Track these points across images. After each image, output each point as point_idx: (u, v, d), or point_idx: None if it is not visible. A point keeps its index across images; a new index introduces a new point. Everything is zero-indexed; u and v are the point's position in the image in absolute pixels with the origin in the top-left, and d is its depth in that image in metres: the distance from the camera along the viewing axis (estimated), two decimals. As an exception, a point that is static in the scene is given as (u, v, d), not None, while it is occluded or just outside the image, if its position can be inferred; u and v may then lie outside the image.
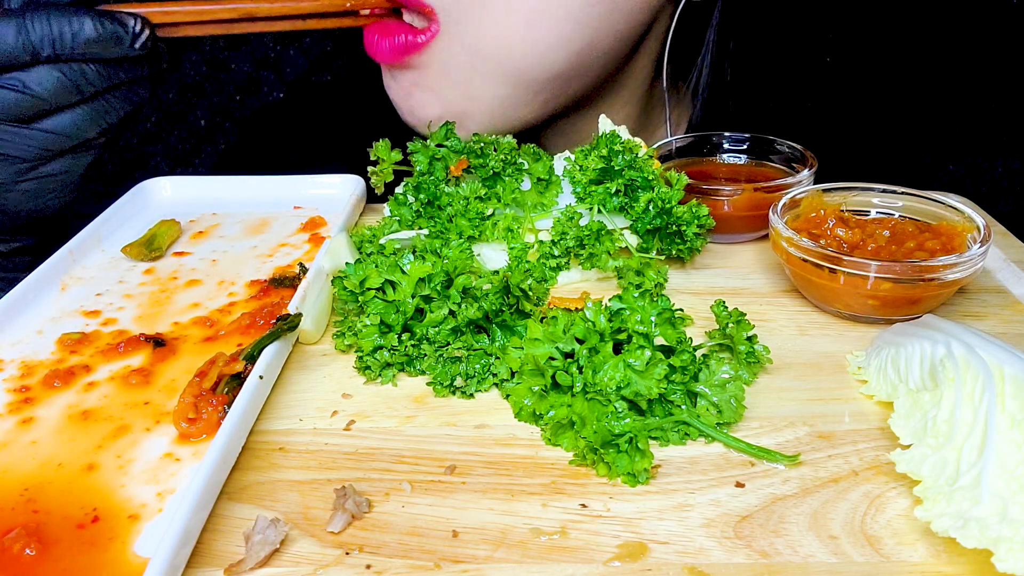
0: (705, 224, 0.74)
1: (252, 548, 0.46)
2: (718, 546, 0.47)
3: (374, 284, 0.64)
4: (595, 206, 0.74)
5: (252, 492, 0.52)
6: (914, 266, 0.64)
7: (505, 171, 0.75)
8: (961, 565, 0.45)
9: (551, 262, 0.74)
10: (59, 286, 0.74)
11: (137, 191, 0.90)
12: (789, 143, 0.86)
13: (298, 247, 0.81)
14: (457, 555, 0.47)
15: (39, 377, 0.62)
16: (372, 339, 0.63)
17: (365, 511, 0.49)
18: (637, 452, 0.52)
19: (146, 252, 0.79)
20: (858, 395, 0.59)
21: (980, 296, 0.72)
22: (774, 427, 0.56)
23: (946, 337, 0.54)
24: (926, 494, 0.46)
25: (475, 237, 0.74)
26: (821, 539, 0.47)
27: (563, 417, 0.55)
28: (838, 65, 1.35)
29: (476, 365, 0.61)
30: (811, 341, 0.66)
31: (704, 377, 0.58)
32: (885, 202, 0.75)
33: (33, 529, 0.47)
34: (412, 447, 0.55)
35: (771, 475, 0.52)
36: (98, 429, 0.56)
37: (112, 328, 0.68)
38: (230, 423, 0.52)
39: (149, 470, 0.52)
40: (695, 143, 0.89)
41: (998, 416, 0.47)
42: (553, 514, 0.49)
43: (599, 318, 0.57)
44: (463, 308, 0.63)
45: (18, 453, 0.54)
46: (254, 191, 0.92)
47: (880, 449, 0.54)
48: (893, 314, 0.66)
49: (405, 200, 0.77)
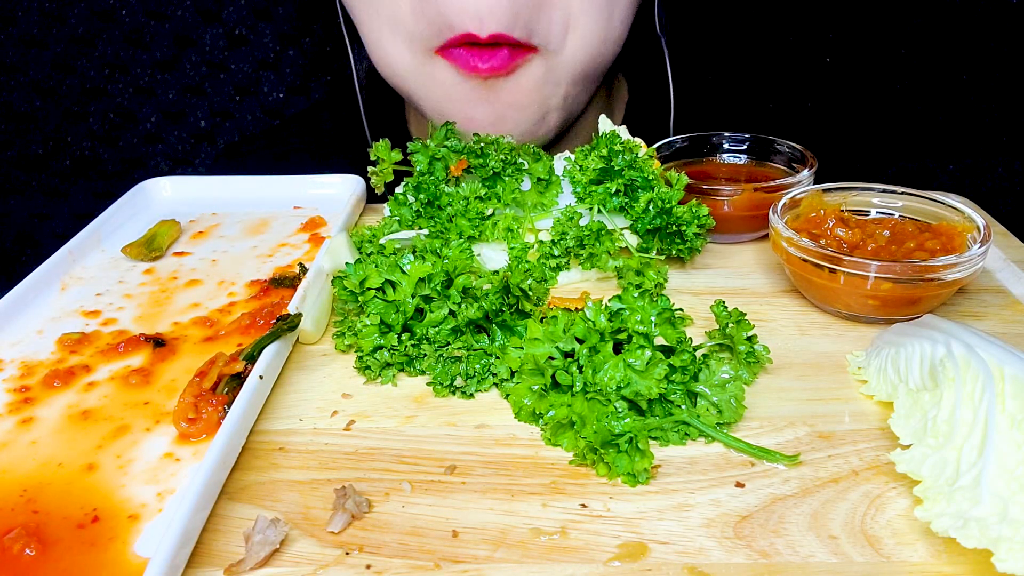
0: (705, 224, 0.74)
1: (252, 548, 0.46)
2: (718, 546, 0.47)
3: (374, 284, 0.64)
4: (595, 206, 0.74)
5: (252, 492, 0.52)
6: (914, 266, 0.64)
7: (505, 171, 0.75)
8: (961, 565, 0.45)
9: (551, 262, 0.74)
10: (59, 286, 0.74)
11: (137, 191, 0.90)
12: (789, 143, 0.86)
13: (298, 247, 0.81)
14: (457, 555, 0.47)
15: (39, 377, 0.62)
16: (372, 339, 0.63)
17: (365, 511, 0.49)
18: (637, 452, 0.52)
19: (146, 252, 0.79)
20: (858, 395, 0.59)
21: (980, 296, 0.72)
22: (774, 427, 0.56)
23: (946, 337, 0.54)
24: (926, 494, 0.46)
25: (475, 237, 0.74)
26: (821, 539, 0.47)
27: (563, 417, 0.55)
28: (838, 65, 1.35)
29: (476, 365, 0.61)
30: (811, 341, 0.66)
31: (704, 377, 0.58)
32: (885, 202, 0.75)
33: (33, 529, 0.47)
34: (412, 447, 0.55)
35: (771, 475, 0.52)
36: (98, 429, 0.56)
37: (112, 328, 0.68)
38: (230, 423, 0.52)
39: (149, 470, 0.52)
40: (695, 143, 0.89)
41: (998, 416, 0.47)
42: (553, 514, 0.49)
43: (599, 318, 0.57)
44: (463, 308, 0.63)
45: (18, 453, 0.54)
46: (254, 191, 0.92)
47: (880, 449, 0.54)
48: (893, 314, 0.66)
49: (405, 200, 0.77)
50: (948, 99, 1.35)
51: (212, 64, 1.41)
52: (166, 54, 1.41)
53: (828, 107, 1.36)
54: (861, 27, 1.33)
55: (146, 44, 1.40)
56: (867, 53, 1.34)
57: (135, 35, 1.39)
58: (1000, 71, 1.32)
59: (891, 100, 1.36)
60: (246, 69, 1.41)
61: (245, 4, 1.38)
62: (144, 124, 1.45)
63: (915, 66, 1.34)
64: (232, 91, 1.43)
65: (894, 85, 1.35)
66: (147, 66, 1.41)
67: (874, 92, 1.36)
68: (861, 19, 1.33)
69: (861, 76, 1.35)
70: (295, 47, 1.40)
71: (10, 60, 1.40)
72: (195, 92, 1.43)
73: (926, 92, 1.35)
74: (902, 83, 1.35)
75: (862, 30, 1.33)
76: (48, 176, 1.50)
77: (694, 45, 1.30)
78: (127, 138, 1.46)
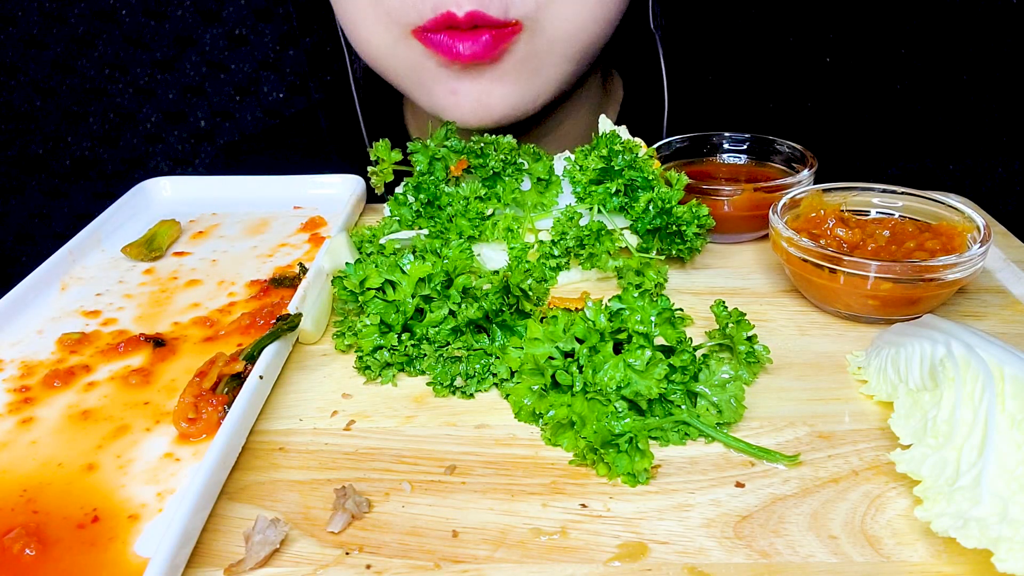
0: (705, 224, 0.74)
1: (252, 548, 0.46)
2: (718, 546, 0.47)
3: (374, 284, 0.64)
4: (595, 206, 0.74)
5: (252, 492, 0.52)
6: (914, 266, 0.64)
7: (505, 171, 0.75)
8: (961, 565, 0.45)
9: (551, 262, 0.74)
10: (59, 286, 0.74)
11: (137, 191, 0.90)
12: (789, 143, 0.86)
13: (298, 247, 0.81)
14: (457, 555, 0.47)
15: (39, 377, 0.62)
16: (372, 339, 0.63)
17: (365, 511, 0.49)
18: (637, 452, 0.52)
19: (146, 252, 0.79)
20: (858, 395, 0.59)
21: (980, 296, 0.72)
22: (774, 427, 0.56)
23: (946, 337, 0.54)
24: (926, 494, 0.46)
25: (475, 237, 0.74)
26: (821, 539, 0.47)
27: (563, 417, 0.55)
28: (838, 65, 1.35)
29: (476, 365, 0.61)
30: (811, 341, 0.66)
31: (704, 377, 0.58)
32: (885, 202, 0.75)
33: (33, 529, 0.47)
34: (412, 447, 0.55)
35: (771, 475, 0.52)
36: (98, 429, 0.56)
37: (112, 328, 0.68)
38: (230, 423, 0.52)
39: (149, 470, 0.52)
40: (695, 143, 0.89)
41: (998, 416, 0.47)
42: (553, 514, 0.49)
43: (599, 318, 0.57)
44: (463, 308, 0.63)
45: (18, 453, 0.54)
46: (254, 191, 0.92)
47: (880, 449, 0.54)
48: (893, 314, 0.66)
49: (405, 200, 0.77)
50: (948, 99, 1.35)
51: (212, 64, 1.41)
52: (166, 54, 1.41)
53: (828, 107, 1.36)
54: (861, 27, 1.33)
55: (146, 44, 1.40)
56: (867, 53, 1.34)
57: (135, 35, 1.40)
58: (1000, 71, 1.32)
59: (891, 100, 1.36)
60: (246, 69, 1.41)
61: (245, 4, 1.38)
62: (144, 124, 1.45)
63: (915, 66, 1.34)
64: (232, 91, 1.43)
65: (894, 85, 1.35)
66: (147, 66, 1.41)
67: (874, 92, 1.36)
68: (861, 19, 1.33)
69: (861, 76, 1.35)
70: (295, 47, 1.40)
71: (10, 60, 1.40)
72: (195, 92, 1.43)
73: (926, 92, 1.35)
74: (902, 83, 1.35)
75: (862, 30, 1.33)
76: (48, 176, 1.50)
77: (691, 43, 1.30)
78: (127, 138, 1.46)
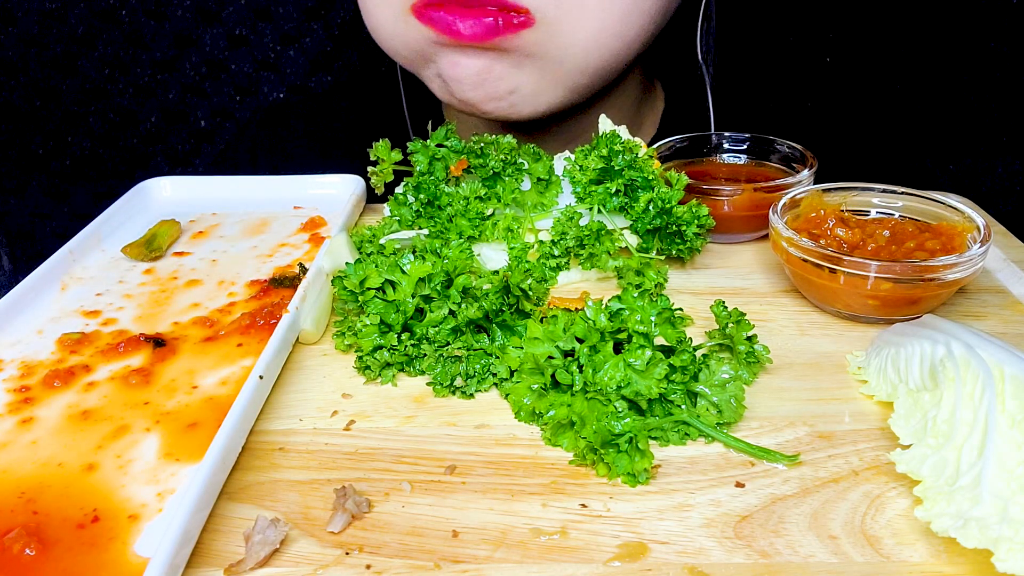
0: (705, 224, 0.74)
1: (252, 548, 0.46)
2: (718, 546, 0.47)
3: (374, 284, 0.64)
4: (595, 206, 0.74)
5: (252, 492, 0.52)
6: (914, 266, 0.64)
7: (505, 171, 0.75)
8: (961, 565, 0.45)
9: (551, 262, 0.74)
10: (59, 286, 0.74)
11: (137, 191, 0.90)
12: (789, 143, 0.86)
13: (298, 247, 0.81)
14: (457, 555, 0.46)
15: (39, 377, 0.62)
16: (372, 339, 0.63)
17: (365, 511, 0.49)
18: (637, 452, 0.52)
19: (146, 252, 0.79)
20: (858, 395, 0.59)
21: (980, 296, 0.72)
22: (774, 427, 0.56)
23: (946, 337, 0.54)
24: (926, 494, 0.46)
25: (475, 237, 0.74)
26: (821, 539, 0.47)
27: (563, 417, 0.55)
28: (838, 65, 1.35)
29: (476, 365, 0.61)
30: (811, 341, 0.66)
31: (704, 377, 0.58)
32: (885, 202, 0.75)
33: (33, 529, 0.47)
34: (412, 447, 0.55)
35: (771, 475, 0.52)
36: (98, 429, 0.56)
37: (112, 328, 0.68)
38: (230, 423, 0.52)
39: (149, 470, 0.52)
40: (695, 143, 0.89)
41: (998, 416, 0.47)
42: (553, 514, 0.49)
43: (599, 318, 0.57)
44: (463, 308, 0.63)
45: (18, 453, 0.54)
46: (254, 191, 0.92)
47: (880, 449, 0.54)
48: (893, 314, 0.66)
49: (405, 200, 0.77)
50: (948, 99, 1.35)
51: (212, 64, 1.41)
52: (166, 54, 1.41)
53: (828, 107, 1.36)
54: (861, 27, 1.33)
55: (146, 44, 1.40)
56: (867, 53, 1.34)
57: (135, 35, 1.40)
58: (1000, 71, 1.32)
59: (891, 100, 1.36)
60: (246, 69, 1.41)
61: (245, 4, 1.38)
62: (144, 124, 1.45)
63: (915, 66, 1.34)
64: (232, 91, 1.43)
65: (894, 85, 1.35)
66: (147, 66, 1.41)
67: (874, 92, 1.36)
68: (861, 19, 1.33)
69: (861, 76, 1.35)
70: (295, 47, 1.40)
71: (10, 60, 1.40)
72: (195, 92, 1.43)
73: (926, 92, 1.35)
74: (902, 83, 1.35)
75: (862, 30, 1.33)
76: (48, 176, 1.50)
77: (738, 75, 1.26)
78: (127, 138, 1.46)
